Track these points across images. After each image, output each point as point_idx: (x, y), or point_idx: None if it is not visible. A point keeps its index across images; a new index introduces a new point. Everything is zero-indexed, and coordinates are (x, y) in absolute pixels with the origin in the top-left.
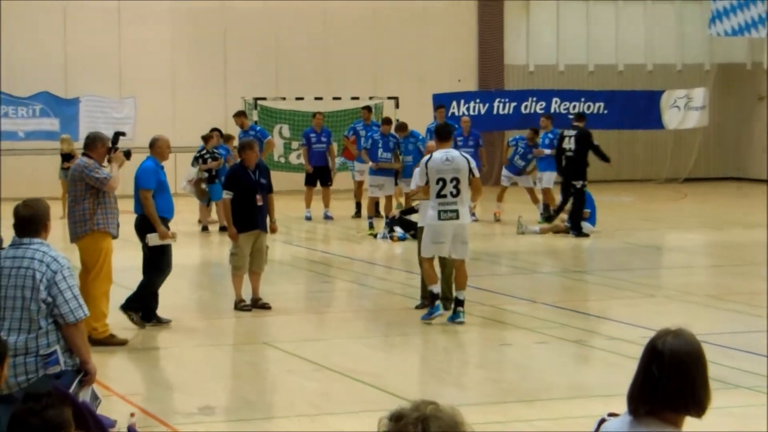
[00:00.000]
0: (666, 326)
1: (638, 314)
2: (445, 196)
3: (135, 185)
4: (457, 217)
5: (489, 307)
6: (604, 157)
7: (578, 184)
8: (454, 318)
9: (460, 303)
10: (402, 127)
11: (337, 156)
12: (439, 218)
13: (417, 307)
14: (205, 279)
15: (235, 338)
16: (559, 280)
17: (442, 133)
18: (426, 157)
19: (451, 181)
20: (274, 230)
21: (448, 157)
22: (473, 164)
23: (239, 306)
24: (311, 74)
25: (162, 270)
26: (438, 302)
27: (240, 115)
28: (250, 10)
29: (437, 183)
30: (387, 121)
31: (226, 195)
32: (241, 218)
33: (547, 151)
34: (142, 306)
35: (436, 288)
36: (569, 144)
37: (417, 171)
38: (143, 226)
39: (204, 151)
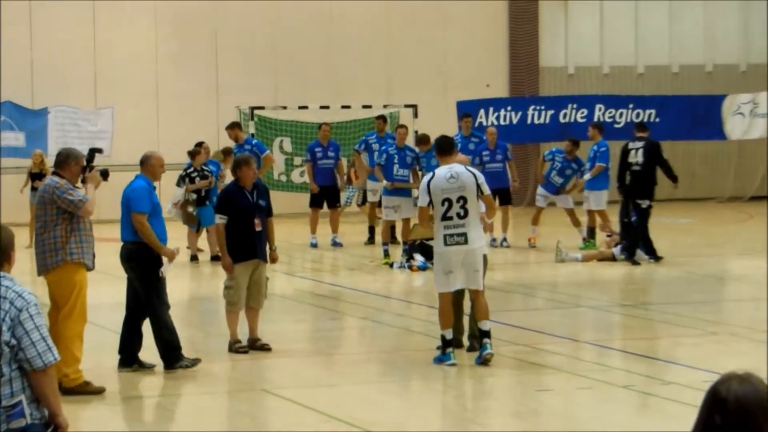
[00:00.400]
0: (731, 369)
1: (698, 355)
2: (451, 218)
3: (124, 208)
4: (466, 242)
5: (523, 347)
6: (673, 175)
7: (644, 203)
8: (482, 352)
9: (485, 334)
10: (423, 139)
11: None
12: (446, 244)
13: (439, 348)
14: (194, 316)
15: (231, 385)
16: (606, 315)
17: (444, 145)
18: (428, 176)
19: (458, 201)
20: (274, 259)
21: (452, 173)
22: (481, 179)
23: (235, 347)
24: (316, 79)
25: (166, 301)
26: (450, 350)
27: (234, 127)
28: (245, 7)
29: (442, 204)
30: (401, 127)
31: (219, 219)
32: (236, 246)
33: (587, 176)
34: (171, 347)
35: (449, 333)
36: (636, 157)
37: (421, 199)
38: (135, 256)
39: (191, 169)
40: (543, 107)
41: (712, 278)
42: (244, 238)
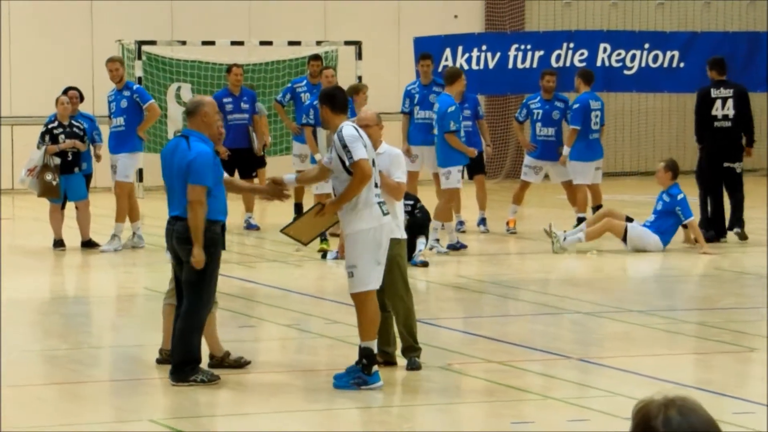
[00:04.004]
0: (663, 392)
1: (728, 378)
2: (377, 185)
3: (178, 178)
4: (389, 213)
5: (497, 365)
6: (751, 137)
7: (738, 167)
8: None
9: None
10: (452, 74)
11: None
12: (384, 213)
13: (359, 367)
14: (57, 321)
15: (108, 415)
16: (607, 324)
17: (334, 98)
18: (348, 126)
19: (376, 164)
20: None
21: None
22: None
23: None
24: (225, 6)
25: (213, 299)
26: (376, 369)
27: (116, 62)
28: None
29: (374, 165)
30: (327, 68)
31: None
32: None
33: (565, 150)
34: (192, 357)
35: (376, 344)
36: (724, 109)
37: (360, 152)
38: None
39: (55, 124)
40: (529, 46)
41: (752, 276)
42: None
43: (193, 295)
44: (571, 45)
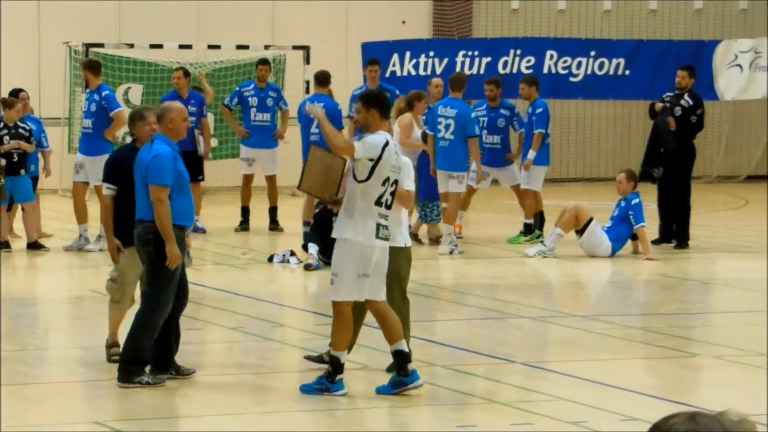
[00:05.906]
0: (687, 407)
1: (671, 383)
2: (381, 205)
3: (141, 180)
4: (389, 239)
5: (442, 368)
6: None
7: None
8: (411, 381)
9: (404, 358)
10: (461, 79)
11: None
12: (377, 236)
13: (325, 377)
14: (3, 323)
15: (56, 417)
16: (552, 329)
17: (384, 103)
18: (382, 138)
19: (393, 184)
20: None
21: (396, 147)
22: None
23: (111, 353)
24: (173, 9)
25: (169, 304)
26: (340, 377)
27: (91, 68)
28: None
29: (383, 184)
30: (323, 81)
31: (107, 190)
32: (125, 226)
33: (531, 153)
34: (138, 358)
35: (344, 356)
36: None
37: (362, 149)
38: (155, 238)
39: (0, 125)
40: (477, 53)
41: (693, 283)
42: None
43: (149, 297)
44: (518, 52)
